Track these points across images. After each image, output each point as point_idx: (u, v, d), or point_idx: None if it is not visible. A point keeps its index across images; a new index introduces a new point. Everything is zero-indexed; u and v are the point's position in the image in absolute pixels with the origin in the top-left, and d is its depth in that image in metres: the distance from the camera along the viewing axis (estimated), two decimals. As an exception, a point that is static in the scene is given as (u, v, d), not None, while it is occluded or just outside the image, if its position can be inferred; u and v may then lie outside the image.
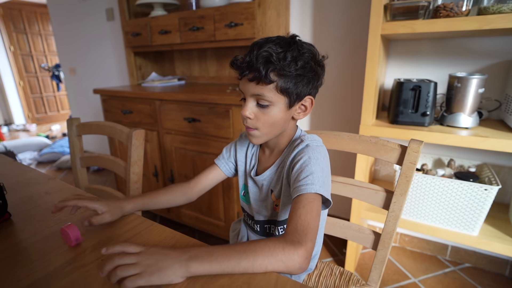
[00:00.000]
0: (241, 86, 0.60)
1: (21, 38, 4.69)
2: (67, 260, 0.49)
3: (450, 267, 1.39)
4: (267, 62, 0.53)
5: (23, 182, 0.81)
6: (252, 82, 0.56)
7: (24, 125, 4.73)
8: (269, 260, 0.42)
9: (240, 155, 0.74)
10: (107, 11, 2.30)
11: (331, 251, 1.53)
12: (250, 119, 0.59)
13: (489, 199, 1.01)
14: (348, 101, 1.52)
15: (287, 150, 0.65)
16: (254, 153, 0.73)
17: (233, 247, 0.44)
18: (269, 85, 0.55)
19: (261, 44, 0.55)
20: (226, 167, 0.75)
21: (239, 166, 0.74)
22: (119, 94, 1.65)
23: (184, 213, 1.64)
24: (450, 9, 0.97)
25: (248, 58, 0.55)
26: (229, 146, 0.77)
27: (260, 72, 0.53)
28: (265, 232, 0.72)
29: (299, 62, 0.55)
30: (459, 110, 1.06)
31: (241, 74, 0.57)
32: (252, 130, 0.60)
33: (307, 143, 0.60)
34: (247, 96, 0.59)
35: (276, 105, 0.58)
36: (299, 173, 0.55)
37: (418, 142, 0.63)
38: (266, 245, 0.43)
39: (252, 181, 0.71)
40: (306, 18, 1.53)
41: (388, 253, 0.70)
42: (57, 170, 2.79)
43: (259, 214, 0.71)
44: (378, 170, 1.53)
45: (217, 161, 0.76)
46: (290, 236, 0.45)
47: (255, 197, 0.71)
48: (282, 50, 0.54)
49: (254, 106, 0.59)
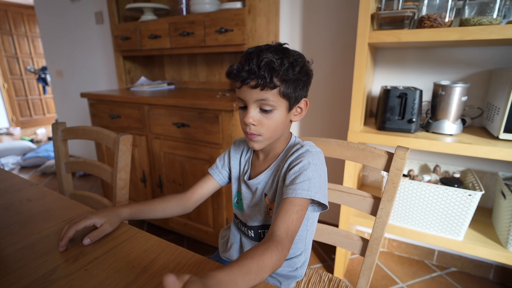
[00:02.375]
0: (241, 95, 0.60)
1: (6, 39, 4.58)
2: (51, 268, 0.47)
3: (437, 271, 1.42)
4: (271, 69, 0.55)
5: (4, 189, 0.79)
6: (256, 89, 0.57)
7: (8, 128, 4.59)
8: (269, 273, 0.45)
9: (234, 162, 0.74)
10: (96, 15, 2.27)
11: (320, 257, 1.53)
12: (254, 126, 0.60)
13: (473, 204, 1.03)
14: (337, 107, 1.54)
15: (283, 155, 0.66)
16: (248, 159, 0.73)
17: (248, 267, 0.41)
18: (273, 90, 0.57)
19: (257, 53, 0.56)
20: (220, 176, 0.76)
21: (232, 173, 0.74)
22: (107, 98, 1.63)
23: (172, 219, 1.61)
24: (434, 20, 1.00)
25: (248, 67, 0.56)
26: (222, 155, 0.77)
27: (265, 78, 0.55)
28: (259, 237, 0.71)
29: (296, 68, 0.58)
30: (444, 117, 1.08)
31: (242, 82, 0.57)
32: (255, 136, 0.61)
33: (307, 148, 0.62)
34: (250, 103, 0.59)
35: (279, 109, 0.59)
36: (297, 176, 0.57)
37: (404, 149, 0.64)
38: (271, 260, 0.45)
39: (245, 185, 0.71)
40: (295, 25, 1.55)
41: (376, 259, 0.71)
42: (41, 175, 2.71)
43: (252, 220, 0.70)
44: (366, 176, 1.55)
45: (211, 171, 0.76)
46: (282, 242, 0.48)
47: (249, 202, 0.71)
48: (279, 57, 0.56)
49: (257, 113, 0.59)
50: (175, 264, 0.49)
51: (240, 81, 0.58)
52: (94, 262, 0.49)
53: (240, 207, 0.74)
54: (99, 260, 0.50)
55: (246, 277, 0.40)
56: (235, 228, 0.78)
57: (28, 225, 0.61)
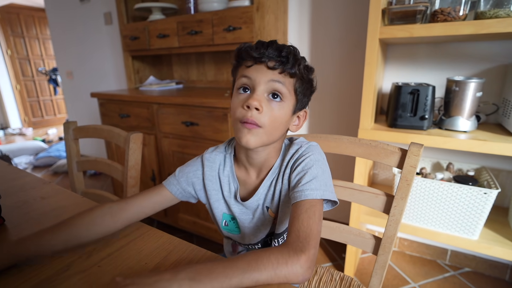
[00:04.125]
0: (249, 73, 0.51)
1: (18, 42, 4.68)
2: (65, 265, 0.48)
3: (450, 271, 1.39)
4: (295, 55, 0.52)
5: (18, 187, 0.80)
6: (274, 70, 0.51)
7: (20, 129, 4.69)
8: (273, 277, 0.39)
9: (211, 182, 0.62)
10: (105, 15, 2.30)
11: (330, 256, 1.52)
12: (257, 112, 0.50)
13: (488, 203, 1.00)
14: (346, 105, 1.52)
15: (280, 159, 0.60)
16: (229, 175, 0.62)
17: (234, 263, 0.39)
18: (291, 78, 0.52)
19: (274, 41, 0.53)
20: (180, 190, 0.61)
21: (212, 195, 0.62)
22: (117, 97, 1.64)
23: (181, 218, 1.62)
24: (448, 14, 0.98)
25: (267, 47, 0.50)
26: (186, 169, 0.63)
27: (288, 62, 0.50)
28: (265, 245, 0.67)
29: (310, 71, 0.56)
30: (457, 113, 1.06)
31: (257, 60, 0.51)
32: (255, 127, 0.51)
33: (304, 145, 0.58)
34: (260, 84, 0.51)
35: (286, 104, 0.53)
36: (301, 177, 0.52)
37: (418, 145, 0.63)
38: (269, 260, 0.40)
39: (241, 207, 0.62)
40: (304, 22, 1.53)
41: (389, 258, 0.69)
42: (53, 174, 2.76)
43: (255, 237, 0.63)
44: (377, 174, 1.52)
45: (167, 184, 0.61)
46: (293, 244, 0.42)
47: (250, 224, 0.63)
48: (297, 53, 0.54)
49: (264, 98, 0.51)
50: (187, 261, 0.49)
51: (253, 59, 0.51)
52: (107, 259, 0.50)
53: (234, 229, 0.65)
54: (112, 257, 0.50)
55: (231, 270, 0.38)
56: (230, 249, 0.71)
57: (42, 222, 0.62)
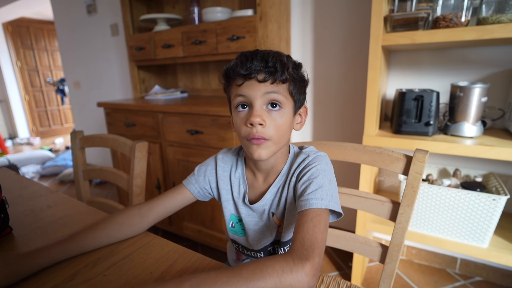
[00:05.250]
0: (244, 91, 0.52)
1: (28, 54, 4.80)
2: (70, 275, 0.48)
3: (460, 280, 1.35)
4: (281, 61, 0.52)
5: (25, 196, 0.81)
6: (265, 82, 0.51)
7: (28, 138, 4.77)
8: (278, 285, 0.39)
9: (223, 182, 0.64)
10: (111, 27, 2.35)
11: (336, 264, 1.49)
12: (261, 127, 0.51)
13: (498, 209, 0.99)
14: (351, 111, 1.52)
15: (287, 167, 0.60)
16: (240, 178, 0.64)
17: (238, 272, 0.39)
18: (284, 84, 0.53)
19: (255, 52, 0.53)
20: (198, 189, 0.65)
21: (222, 195, 0.65)
22: (123, 107, 1.67)
23: (186, 226, 1.62)
24: (450, 20, 0.98)
25: (253, 61, 0.51)
26: (203, 168, 0.66)
27: (277, 70, 0.51)
28: (269, 254, 0.66)
29: (300, 68, 0.56)
30: (463, 119, 1.05)
31: (247, 77, 0.51)
32: (264, 141, 0.52)
33: (312, 154, 0.58)
34: (256, 98, 0.51)
35: (286, 110, 0.54)
36: (307, 186, 0.52)
37: (423, 151, 0.62)
38: (274, 268, 0.39)
39: (248, 209, 0.63)
40: (306, 30, 1.55)
41: (396, 266, 0.68)
42: (59, 183, 2.79)
43: (260, 243, 0.64)
44: (382, 181, 1.51)
45: (186, 183, 0.65)
46: (297, 252, 0.42)
47: (255, 226, 0.64)
48: (283, 55, 0.54)
49: (264, 111, 0.52)
50: (192, 270, 0.49)
51: (242, 77, 0.52)
52: (113, 268, 0.50)
53: (239, 231, 0.66)
54: (117, 266, 0.50)
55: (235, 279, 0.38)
56: (240, 253, 0.71)
57: (49, 231, 0.62)
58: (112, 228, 0.56)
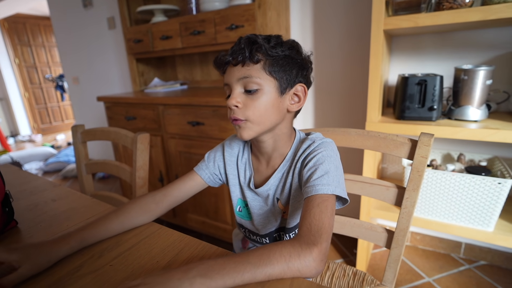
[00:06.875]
0: (226, 79, 0.56)
1: (25, 51, 4.76)
2: (76, 265, 0.48)
3: (465, 265, 1.36)
4: (252, 42, 0.52)
5: (29, 190, 0.81)
6: (237, 66, 0.53)
7: (30, 135, 4.77)
8: (286, 271, 0.39)
9: (230, 167, 0.66)
10: (108, 20, 2.32)
11: (341, 252, 1.50)
12: (238, 108, 0.54)
13: (503, 193, 0.98)
14: (353, 98, 1.51)
15: (292, 153, 0.60)
16: (246, 163, 0.65)
17: (246, 258, 0.39)
18: (256, 64, 0.53)
19: (241, 37, 0.55)
20: (208, 175, 0.66)
21: (230, 180, 0.66)
22: (123, 100, 1.66)
23: (190, 218, 1.62)
24: (454, 1, 0.95)
25: (235, 47, 0.54)
26: (212, 153, 0.68)
27: (245, 52, 0.52)
28: (275, 241, 0.67)
29: (285, 46, 0.55)
30: (467, 103, 1.03)
31: (226, 65, 0.55)
32: (241, 121, 0.54)
33: (318, 140, 0.57)
34: (233, 83, 0.54)
35: (266, 90, 0.53)
36: (313, 172, 0.52)
37: (428, 135, 0.62)
38: (281, 254, 0.40)
39: (253, 194, 0.64)
40: (306, 17, 1.52)
41: (402, 251, 0.68)
42: (63, 179, 2.80)
43: (266, 228, 0.65)
44: (386, 168, 1.50)
45: (197, 169, 0.67)
46: (304, 238, 0.42)
47: (259, 211, 0.65)
48: (266, 36, 0.55)
49: (242, 94, 0.54)
50: (198, 258, 0.49)
51: (224, 64, 0.55)
52: (119, 258, 0.50)
53: (245, 215, 0.67)
54: (124, 256, 0.50)
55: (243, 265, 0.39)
56: (246, 237, 0.72)
57: (54, 224, 0.63)
58: (130, 216, 0.58)
